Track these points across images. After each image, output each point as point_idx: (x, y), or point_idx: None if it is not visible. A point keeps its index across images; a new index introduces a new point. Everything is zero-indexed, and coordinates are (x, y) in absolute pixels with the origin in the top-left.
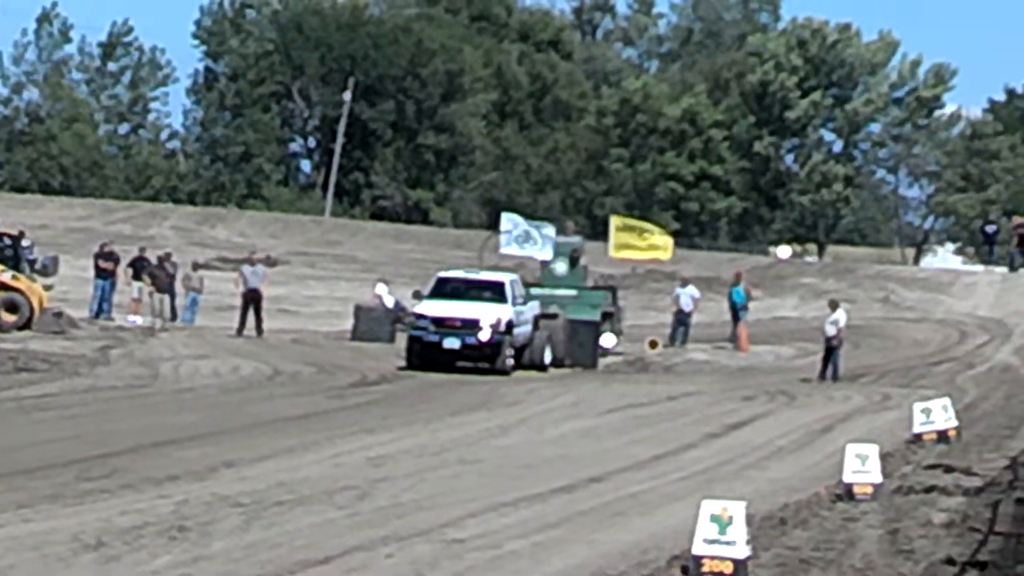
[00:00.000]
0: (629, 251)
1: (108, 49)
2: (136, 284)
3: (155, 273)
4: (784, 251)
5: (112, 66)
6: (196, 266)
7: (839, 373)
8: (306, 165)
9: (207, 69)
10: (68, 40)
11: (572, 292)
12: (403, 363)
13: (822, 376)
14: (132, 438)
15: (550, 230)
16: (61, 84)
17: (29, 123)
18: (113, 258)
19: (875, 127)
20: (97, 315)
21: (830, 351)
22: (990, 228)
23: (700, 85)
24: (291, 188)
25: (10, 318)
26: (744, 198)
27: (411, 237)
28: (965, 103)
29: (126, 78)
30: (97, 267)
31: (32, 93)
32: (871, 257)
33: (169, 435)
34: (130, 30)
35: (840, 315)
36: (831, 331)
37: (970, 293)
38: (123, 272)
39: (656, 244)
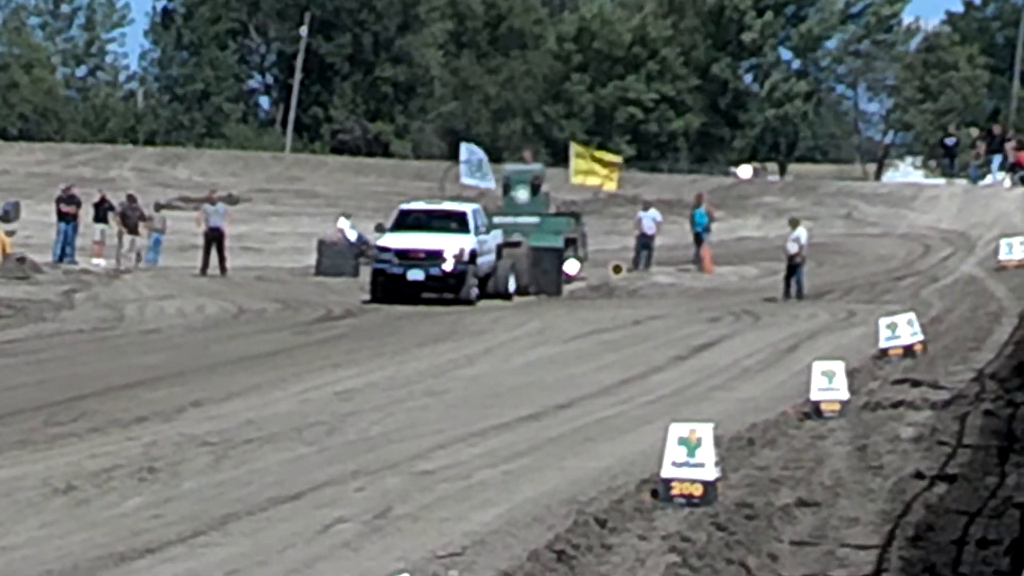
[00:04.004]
0: (589, 177)
1: None
2: (98, 227)
3: (127, 214)
4: (745, 171)
5: (65, 7)
6: (158, 206)
7: (804, 291)
8: (265, 102)
9: (164, 9)
10: None
11: (535, 219)
12: (367, 296)
13: (786, 295)
14: (99, 381)
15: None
16: (20, 30)
17: None
18: (75, 201)
19: (832, 44)
20: (60, 259)
21: (793, 269)
22: (950, 140)
23: (653, 5)
24: (250, 125)
25: None
26: (706, 123)
27: (372, 170)
28: (923, 16)
29: (80, 20)
30: (59, 211)
31: None
32: (832, 174)
33: (136, 377)
34: None
35: (801, 232)
36: (793, 249)
37: (932, 206)
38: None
39: (608, 175)
